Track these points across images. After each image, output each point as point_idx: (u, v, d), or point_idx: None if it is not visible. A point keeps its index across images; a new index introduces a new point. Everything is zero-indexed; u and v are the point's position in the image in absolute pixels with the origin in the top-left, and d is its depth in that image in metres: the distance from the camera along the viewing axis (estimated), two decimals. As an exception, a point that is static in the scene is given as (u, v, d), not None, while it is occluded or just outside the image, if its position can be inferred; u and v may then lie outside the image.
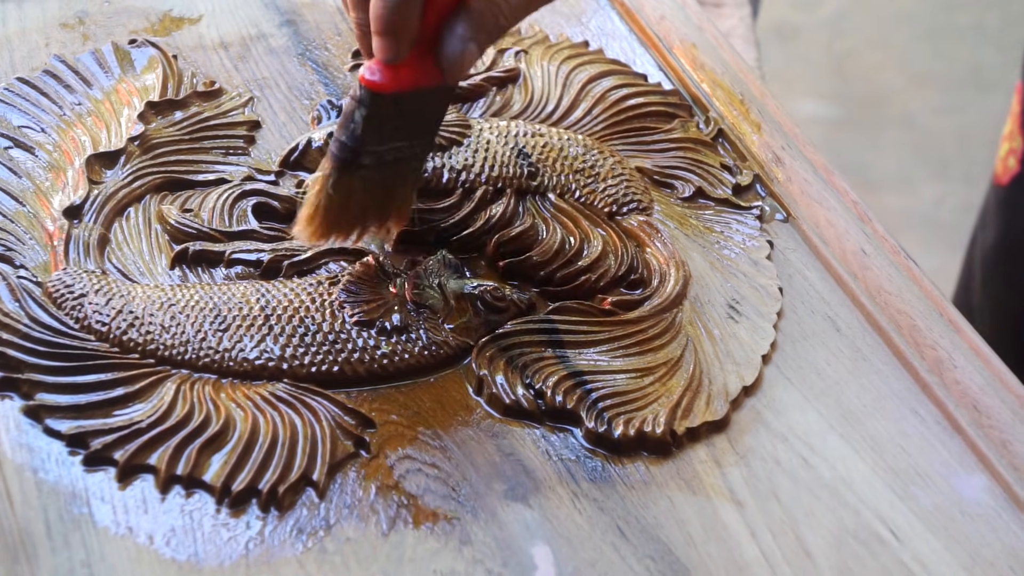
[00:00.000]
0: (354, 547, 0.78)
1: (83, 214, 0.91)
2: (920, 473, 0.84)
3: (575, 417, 0.84)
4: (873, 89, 2.33)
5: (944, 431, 0.87)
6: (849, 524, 0.81)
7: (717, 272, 0.94)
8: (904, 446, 0.86)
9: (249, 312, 0.86)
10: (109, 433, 0.80)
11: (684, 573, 0.78)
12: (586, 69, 1.06)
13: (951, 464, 0.85)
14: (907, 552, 0.80)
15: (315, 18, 1.09)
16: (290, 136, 0.99)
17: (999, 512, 0.83)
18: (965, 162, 2.15)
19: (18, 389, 0.82)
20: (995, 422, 0.86)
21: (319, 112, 1.00)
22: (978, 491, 0.84)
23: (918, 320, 0.91)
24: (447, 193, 0.95)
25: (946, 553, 0.81)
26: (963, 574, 0.80)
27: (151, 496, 0.79)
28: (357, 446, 0.82)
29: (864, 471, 0.84)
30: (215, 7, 1.09)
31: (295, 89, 1.03)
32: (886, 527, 0.81)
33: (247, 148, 0.98)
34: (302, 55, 1.05)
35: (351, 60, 1.05)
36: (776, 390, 0.88)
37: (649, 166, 0.99)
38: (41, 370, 0.83)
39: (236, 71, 1.03)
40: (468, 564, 0.77)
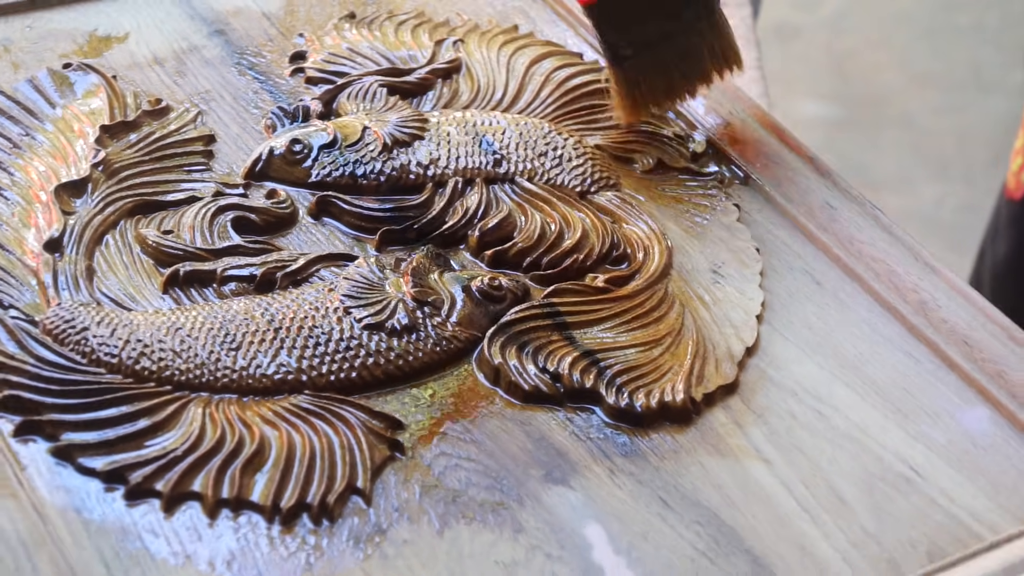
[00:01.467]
0: (413, 549, 0.78)
1: (64, 247, 0.89)
2: (926, 412, 0.88)
3: (594, 395, 0.86)
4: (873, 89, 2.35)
5: (939, 369, 0.90)
6: (873, 468, 0.84)
7: (694, 239, 0.96)
8: (905, 387, 0.89)
9: (257, 327, 0.85)
10: (146, 465, 0.79)
11: (732, 534, 0.80)
12: (525, 53, 1.07)
13: (953, 400, 0.88)
14: (933, 488, 0.83)
15: (243, 25, 1.08)
16: (246, 147, 0.98)
17: (1007, 440, 0.87)
18: (965, 162, 2.17)
19: (41, 431, 0.80)
20: (987, 355, 0.90)
21: (272, 120, 0.99)
22: (984, 422, 0.87)
23: (895, 265, 0.94)
24: (418, 189, 0.96)
25: (969, 484, 0.84)
26: (988, 502, 0.83)
27: (200, 522, 0.78)
28: (392, 449, 0.82)
29: (875, 416, 0.87)
30: (140, 23, 1.07)
31: (240, 99, 1.02)
32: (908, 466, 0.84)
33: (208, 163, 0.97)
34: (239, 64, 1.04)
35: (290, 65, 1.05)
36: (774, 347, 0.90)
37: (605, 143, 1.01)
38: (61, 409, 0.81)
39: (177, 86, 1.02)
40: (526, 552, 0.78)
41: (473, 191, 0.96)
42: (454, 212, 0.94)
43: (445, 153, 0.97)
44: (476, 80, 1.04)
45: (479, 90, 1.03)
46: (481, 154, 0.97)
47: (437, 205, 0.95)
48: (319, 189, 0.96)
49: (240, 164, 0.97)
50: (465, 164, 0.97)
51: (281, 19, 1.09)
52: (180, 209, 0.93)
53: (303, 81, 1.03)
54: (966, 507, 0.83)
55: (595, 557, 0.79)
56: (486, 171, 0.97)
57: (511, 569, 0.78)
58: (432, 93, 1.03)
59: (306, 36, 1.06)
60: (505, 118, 1.00)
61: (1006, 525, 0.82)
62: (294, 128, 0.98)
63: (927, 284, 0.93)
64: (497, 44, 1.07)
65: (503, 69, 1.05)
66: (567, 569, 0.78)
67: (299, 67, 1.04)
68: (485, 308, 0.89)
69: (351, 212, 0.94)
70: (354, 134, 0.97)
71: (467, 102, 1.02)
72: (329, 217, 0.94)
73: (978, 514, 0.82)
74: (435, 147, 0.97)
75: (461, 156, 0.97)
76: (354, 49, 1.05)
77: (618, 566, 0.78)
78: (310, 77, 1.03)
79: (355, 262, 0.90)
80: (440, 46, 1.06)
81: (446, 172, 0.96)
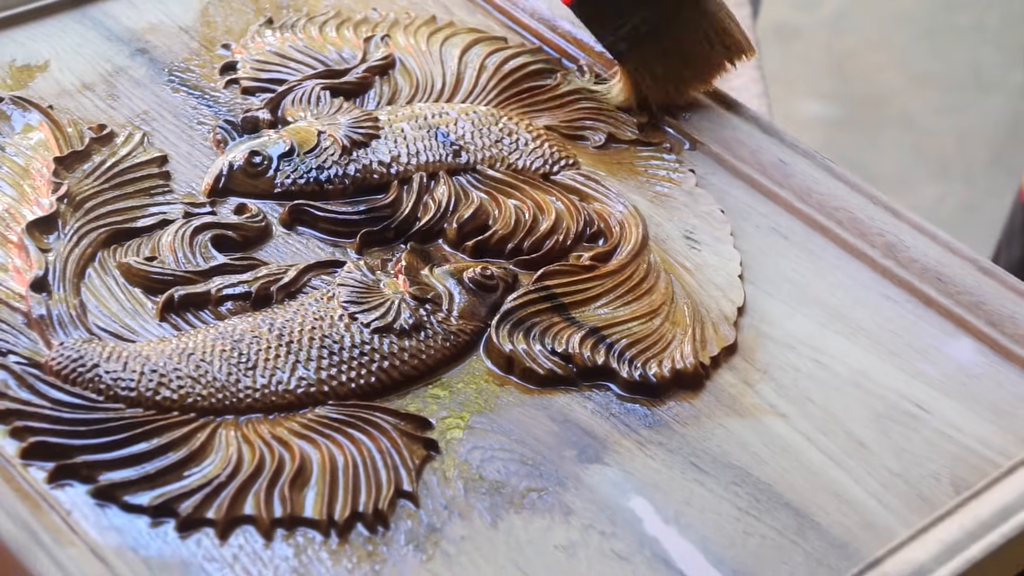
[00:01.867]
0: (471, 544, 0.79)
1: (50, 286, 0.87)
2: (915, 349, 0.91)
3: (607, 372, 0.87)
4: (873, 89, 2.34)
5: (918, 307, 0.94)
6: (881, 409, 0.87)
7: (660, 208, 0.98)
8: (891, 329, 0.92)
9: (268, 344, 0.85)
10: (193, 494, 0.79)
11: (769, 490, 0.82)
12: (453, 42, 1.07)
13: (937, 335, 0.92)
14: (940, 421, 0.87)
15: (163, 42, 1.06)
16: (201, 164, 0.97)
17: (996, 367, 0.91)
18: (965, 162, 2.17)
19: (76, 475, 0.79)
20: (961, 288, 0.94)
21: (221, 134, 0.98)
22: (971, 353, 0.91)
23: (856, 212, 0.97)
24: (383, 188, 0.96)
25: (972, 414, 0.88)
26: (993, 427, 0.87)
27: (257, 545, 0.78)
28: (428, 448, 0.82)
29: (870, 359, 0.90)
30: (57, 50, 1.05)
31: (181, 116, 1.01)
32: (912, 404, 0.88)
33: (167, 184, 0.95)
34: (170, 81, 1.03)
35: (221, 77, 1.04)
36: (761, 305, 0.93)
37: (554, 123, 1.02)
38: (93, 450, 0.80)
39: (113, 110, 1.00)
40: (581, 532, 0.80)
41: (439, 184, 0.96)
42: (426, 207, 0.95)
43: (404, 150, 0.97)
44: (413, 74, 1.04)
45: (418, 84, 1.03)
46: (439, 147, 0.98)
47: (408, 202, 0.95)
48: (285, 199, 0.95)
49: (198, 182, 0.96)
50: (426, 158, 0.97)
51: (199, 31, 1.07)
52: (154, 234, 0.92)
53: (239, 92, 1.02)
54: (975, 436, 0.86)
55: (647, 529, 0.80)
56: (448, 163, 0.97)
57: (571, 551, 0.79)
58: (373, 91, 1.03)
59: (233, 47, 1.05)
60: (454, 108, 1.01)
61: (1016, 449, 0.86)
62: (247, 140, 0.97)
63: (891, 227, 0.96)
64: (423, 36, 1.07)
65: (436, 60, 1.05)
66: (623, 544, 0.79)
67: (232, 78, 1.03)
68: (482, 298, 0.90)
69: (326, 218, 0.94)
70: (310, 140, 0.97)
71: (409, 97, 1.02)
72: (303, 225, 0.94)
73: (988, 441, 0.86)
74: (393, 145, 0.97)
75: (421, 151, 0.97)
76: (283, 54, 1.05)
77: (670, 535, 0.80)
78: (246, 87, 1.02)
79: (344, 267, 0.90)
80: (369, 43, 1.06)
81: (409, 168, 0.97)
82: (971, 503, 0.82)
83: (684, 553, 0.79)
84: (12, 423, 0.81)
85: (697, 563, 0.79)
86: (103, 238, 0.91)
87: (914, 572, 0.78)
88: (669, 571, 0.78)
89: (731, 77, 1.03)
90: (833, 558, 0.80)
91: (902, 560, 0.79)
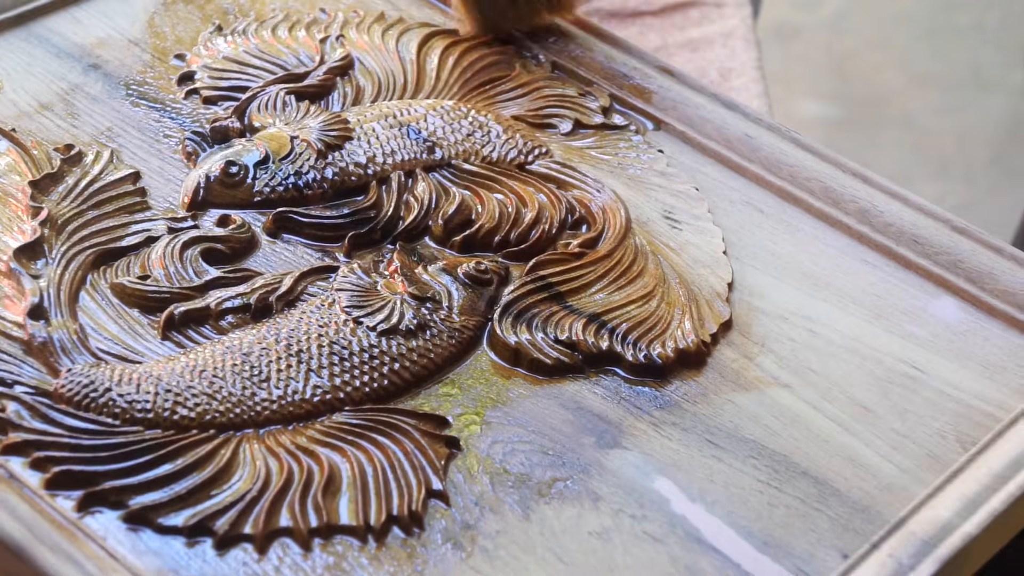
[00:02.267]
0: (507, 537, 0.79)
1: (47, 312, 0.86)
2: (902, 311, 0.93)
3: (613, 357, 0.88)
4: (873, 89, 2.32)
5: (898, 270, 0.96)
6: (879, 372, 0.89)
7: (635, 191, 0.99)
8: (875, 293, 0.94)
9: (278, 355, 0.85)
10: (227, 511, 0.78)
11: (785, 460, 0.84)
12: (408, 37, 1.07)
13: (920, 296, 0.94)
14: (936, 380, 0.89)
15: (114, 56, 1.05)
16: (174, 177, 0.96)
17: (979, 323, 0.93)
18: (965, 162, 2.15)
19: (105, 501, 0.78)
20: (937, 248, 0.96)
21: (191, 146, 0.97)
22: (955, 311, 0.94)
23: (827, 181, 0.99)
24: (362, 189, 0.96)
25: (965, 370, 0.90)
26: (987, 382, 0.89)
27: (296, 555, 0.78)
28: (449, 446, 0.83)
29: (861, 324, 0.92)
30: (7, 70, 1.03)
31: (145, 131, 1.00)
32: (908, 365, 0.90)
33: (145, 200, 0.94)
34: (129, 96, 1.02)
35: (180, 87, 1.03)
36: (748, 279, 0.95)
37: (521, 112, 1.03)
38: (118, 475, 0.79)
39: (76, 129, 0.99)
40: (612, 517, 0.81)
41: (418, 182, 0.96)
42: (409, 206, 0.95)
43: (379, 150, 0.97)
44: (373, 73, 1.04)
45: (380, 83, 1.03)
46: (413, 144, 0.98)
47: (390, 202, 0.95)
48: (265, 207, 0.95)
49: (175, 196, 0.95)
50: (402, 157, 0.97)
51: (150, 43, 1.06)
52: (141, 252, 0.91)
53: (200, 102, 1.02)
54: (972, 392, 0.89)
55: (675, 509, 0.81)
56: (423, 160, 0.98)
57: (605, 536, 0.80)
58: (336, 93, 1.02)
59: (188, 56, 1.04)
60: (421, 105, 1.01)
61: (1013, 402, 0.88)
62: (219, 150, 0.97)
63: (862, 193, 0.98)
64: (377, 33, 1.07)
65: (395, 57, 1.05)
66: (655, 526, 0.80)
67: (192, 88, 1.02)
68: (479, 293, 0.90)
69: (311, 224, 0.94)
70: (284, 146, 0.96)
71: (373, 96, 1.02)
72: (288, 232, 0.94)
73: (985, 396, 0.88)
74: (367, 145, 0.97)
75: (395, 150, 0.97)
76: (239, 60, 1.04)
77: (699, 512, 0.81)
78: (207, 97, 1.02)
79: (339, 272, 0.90)
80: (325, 44, 1.05)
81: (385, 167, 0.97)
82: (980, 458, 0.85)
83: (714, 529, 0.81)
84: (31, 454, 0.80)
85: (728, 538, 0.80)
86: (91, 260, 0.90)
87: (940, 529, 0.80)
88: (703, 548, 0.80)
89: (731, 77, 1.04)
90: (858, 522, 0.81)
91: (925, 519, 0.81)
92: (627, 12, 1.39)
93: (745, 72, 1.26)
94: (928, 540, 0.79)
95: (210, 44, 1.06)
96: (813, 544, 0.80)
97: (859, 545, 0.80)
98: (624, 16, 1.39)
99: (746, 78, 1.27)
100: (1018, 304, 0.93)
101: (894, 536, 0.80)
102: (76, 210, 0.92)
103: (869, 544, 0.80)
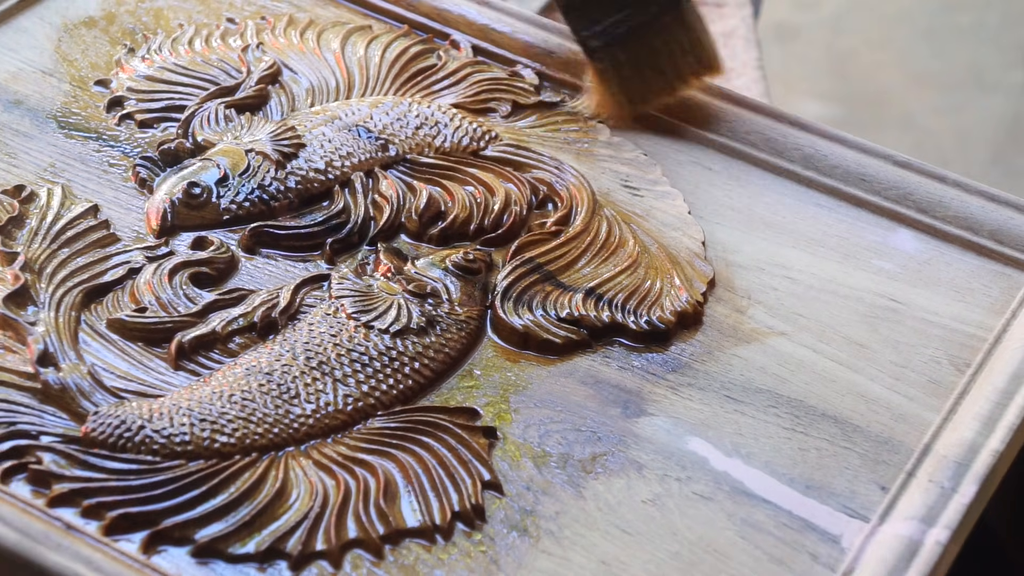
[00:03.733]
0: (568, 517, 0.81)
1: (55, 358, 0.84)
2: (865, 248, 0.97)
3: (616, 328, 0.90)
4: (873, 89, 2.29)
5: (851, 209, 1.00)
6: (863, 309, 0.93)
7: (588, 164, 1.00)
8: (837, 234, 0.98)
9: (301, 371, 0.85)
10: (294, 531, 0.78)
11: (803, 405, 0.87)
12: (326, 38, 1.07)
13: (877, 231, 0.98)
14: (916, 309, 0.93)
15: (33, 89, 1.02)
16: (132, 206, 0.95)
17: (939, 250, 0.98)
18: (965, 162, 2.15)
19: (168, 539, 0.78)
20: (885, 183, 1.00)
21: (144, 173, 0.96)
22: (912, 241, 0.98)
23: (767, 132, 1.03)
24: (326, 195, 0.96)
25: (937, 297, 0.94)
26: (960, 304, 0.94)
27: (371, 564, 0.78)
28: (487, 436, 0.84)
29: (832, 266, 0.96)
30: (-72, 118, 1.00)
31: (89, 162, 0.98)
32: (886, 298, 0.94)
33: (112, 232, 0.93)
34: (61, 128, 0.99)
35: (111, 114, 1.01)
36: (718, 235, 0.97)
37: (459, 100, 1.03)
38: (176, 511, 0.78)
39: (18, 168, 0.96)
40: (659, 482, 0.83)
41: (380, 180, 0.96)
42: (379, 206, 0.95)
43: (333, 153, 0.97)
44: (303, 77, 1.03)
45: (313, 86, 1.03)
46: (366, 143, 0.98)
47: (359, 204, 0.95)
48: (234, 224, 0.94)
49: (139, 224, 0.94)
50: (358, 158, 0.97)
51: (65, 72, 1.04)
52: (126, 285, 0.89)
53: (136, 126, 1.00)
54: (950, 315, 0.93)
55: (715, 466, 0.84)
56: (379, 158, 0.98)
57: (658, 503, 0.82)
58: (273, 101, 1.01)
59: (113, 83, 1.02)
60: (363, 104, 1.01)
61: (990, 320, 0.93)
62: (174, 173, 0.95)
63: (803, 140, 1.02)
64: (294, 37, 1.06)
65: (320, 59, 1.05)
66: (701, 485, 0.83)
67: (124, 113, 1.00)
68: (472, 282, 0.91)
69: (287, 235, 0.93)
70: (241, 161, 0.96)
71: (309, 100, 1.02)
72: (265, 246, 0.93)
73: (963, 318, 0.93)
74: (321, 150, 0.97)
75: (351, 152, 0.97)
76: (164, 79, 1.03)
77: (739, 466, 0.84)
78: (142, 121, 1.00)
79: (333, 279, 0.90)
80: (247, 54, 1.04)
81: (345, 170, 0.97)
82: (979, 377, 0.89)
83: (757, 481, 0.83)
84: (80, 503, 0.78)
85: (772, 487, 0.83)
86: (79, 300, 0.88)
87: (968, 449, 0.84)
88: (752, 500, 0.82)
89: (732, 77, 1.06)
90: (885, 454, 0.85)
91: (949, 442, 0.85)
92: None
93: (746, 72, 1.29)
94: (961, 461, 0.83)
95: (127, 66, 1.03)
96: (851, 481, 0.84)
97: (894, 476, 0.84)
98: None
99: (747, 78, 1.29)
100: (970, 227, 0.98)
101: (925, 462, 0.84)
102: (48, 251, 0.90)
103: (904, 473, 0.84)
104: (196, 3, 1.10)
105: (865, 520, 0.82)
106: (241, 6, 1.10)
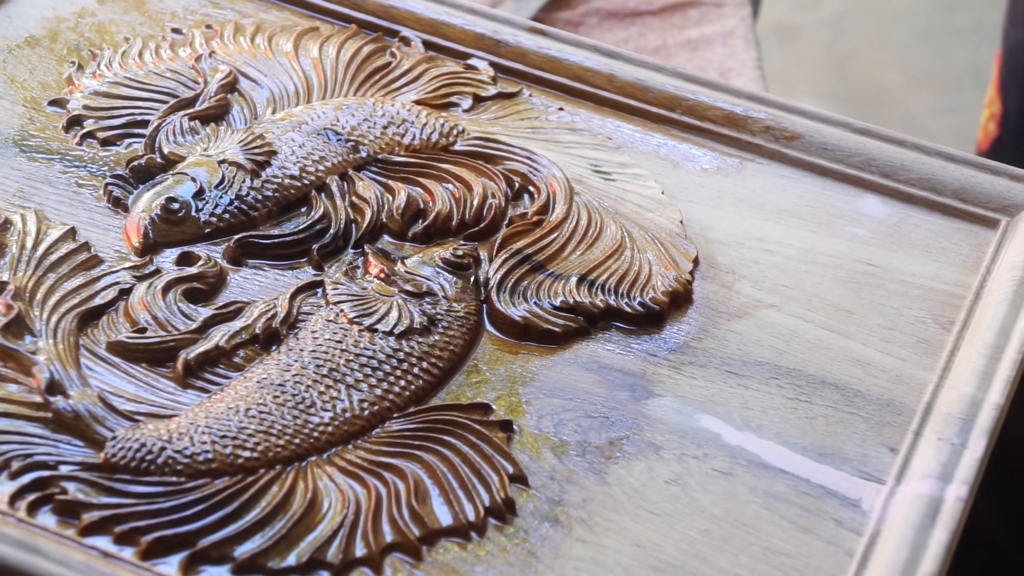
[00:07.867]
0: (596, 504, 0.82)
1: (63, 386, 0.83)
2: (836, 216, 0.99)
3: (611, 312, 0.91)
4: (873, 89, 2.27)
5: (817, 179, 1.02)
6: (843, 276, 0.95)
7: (557, 152, 1.01)
8: (807, 204, 1.00)
9: (313, 380, 0.84)
10: (332, 540, 0.78)
11: (802, 374, 0.89)
12: (276, 41, 1.06)
13: (845, 198, 1.00)
14: (893, 272, 0.96)
15: (-13, 114, 1.00)
16: (110, 226, 0.94)
17: (906, 212, 1.00)
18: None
19: (207, 559, 0.77)
20: (846, 152, 1.02)
21: (117, 191, 0.95)
22: (880, 206, 1.00)
23: (727, 108, 1.04)
24: (304, 201, 0.95)
25: (913, 258, 0.97)
26: (934, 263, 0.96)
27: (409, 567, 0.78)
28: (504, 430, 0.84)
29: (805, 235, 0.98)
30: None
31: (56, 184, 0.96)
32: (864, 263, 0.96)
33: (94, 254, 0.91)
34: (21, 153, 0.98)
35: (71, 134, 0.99)
36: (694, 214, 0.99)
37: (420, 97, 1.03)
38: (211, 530, 0.78)
39: (-15, 196, 0.95)
40: (676, 461, 0.84)
41: (356, 182, 0.96)
42: (359, 208, 0.95)
43: (306, 159, 0.97)
44: (261, 83, 1.03)
45: (272, 92, 1.02)
46: (336, 147, 0.98)
47: (338, 208, 0.95)
48: (215, 236, 0.93)
49: (119, 244, 0.93)
50: (331, 162, 0.97)
51: (16, 94, 1.02)
52: (118, 306, 0.88)
53: (98, 144, 0.98)
54: (927, 276, 0.95)
55: (729, 441, 0.85)
56: (351, 160, 0.98)
57: (681, 482, 0.83)
58: (235, 110, 1.01)
59: (70, 103, 1.00)
60: (327, 107, 1.00)
61: (966, 278, 0.95)
62: (148, 189, 0.94)
63: (762, 114, 1.03)
64: (243, 43, 1.06)
65: (274, 65, 1.04)
66: (719, 461, 0.84)
67: (85, 132, 0.99)
68: (464, 277, 0.91)
69: (273, 245, 0.93)
70: (215, 173, 0.95)
71: (270, 106, 1.01)
72: (251, 257, 0.93)
73: (940, 277, 0.95)
74: (294, 157, 0.97)
75: (324, 156, 0.97)
76: (119, 96, 1.01)
77: (752, 440, 0.86)
78: (104, 139, 0.99)
79: (328, 284, 0.90)
80: (201, 63, 1.03)
81: (319, 175, 0.96)
82: (966, 334, 0.91)
83: (772, 452, 0.85)
84: (112, 530, 0.77)
85: (787, 457, 0.85)
86: (75, 326, 0.87)
87: (971, 405, 0.86)
88: (769, 472, 0.84)
89: (731, 77, 1.07)
90: (889, 416, 0.87)
91: (950, 399, 0.87)
92: (626, 12, 1.40)
93: (745, 72, 1.29)
94: (966, 417, 0.85)
95: (80, 83, 1.02)
96: (861, 445, 0.85)
97: (901, 436, 0.86)
98: (623, 16, 1.40)
99: (746, 78, 1.30)
100: (934, 188, 1.00)
101: (930, 421, 0.86)
102: (35, 278, 0.89)
103: (911, 433, 0.86)
104: (137, 15, 1.08)
105: (881, 482, 0.84)
106: (183, 15, 1.09)
